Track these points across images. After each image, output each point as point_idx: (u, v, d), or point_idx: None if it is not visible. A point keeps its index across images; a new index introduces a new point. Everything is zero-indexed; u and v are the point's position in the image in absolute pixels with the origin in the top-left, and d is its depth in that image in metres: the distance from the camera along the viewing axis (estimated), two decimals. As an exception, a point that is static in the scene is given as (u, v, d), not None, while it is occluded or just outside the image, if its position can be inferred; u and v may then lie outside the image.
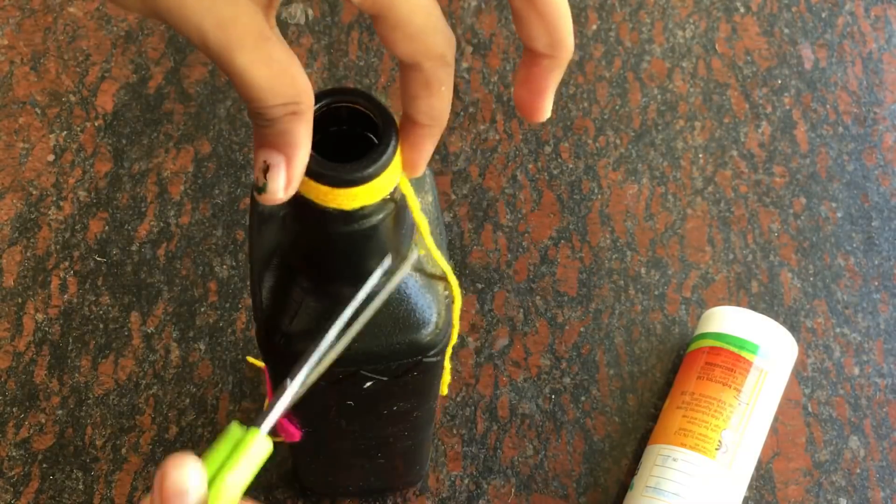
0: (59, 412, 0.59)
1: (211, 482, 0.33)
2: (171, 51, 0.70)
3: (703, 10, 0.75)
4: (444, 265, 0.41)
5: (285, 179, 0.33)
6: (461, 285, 0.64)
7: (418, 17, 0.32)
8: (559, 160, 0.69)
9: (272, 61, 0.31)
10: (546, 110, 0.35)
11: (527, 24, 0.33)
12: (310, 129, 0.33)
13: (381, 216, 0.36)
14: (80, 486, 0.58)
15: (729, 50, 0.74)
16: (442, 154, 0.68)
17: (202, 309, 0.62)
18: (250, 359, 0.61)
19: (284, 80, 0.31)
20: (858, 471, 0.61)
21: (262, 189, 0.32)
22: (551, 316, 0.64)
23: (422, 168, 0.36)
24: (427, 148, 0.35)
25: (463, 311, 0.64)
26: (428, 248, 0.40)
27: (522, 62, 0.35)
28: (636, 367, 0.63)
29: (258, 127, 0.32)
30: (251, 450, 0.34)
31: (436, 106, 0.34)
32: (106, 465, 0.58)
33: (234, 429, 0.35)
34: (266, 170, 0.32)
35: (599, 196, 0.68)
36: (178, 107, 0.69)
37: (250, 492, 0.58)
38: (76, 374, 0.60)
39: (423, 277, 0.41)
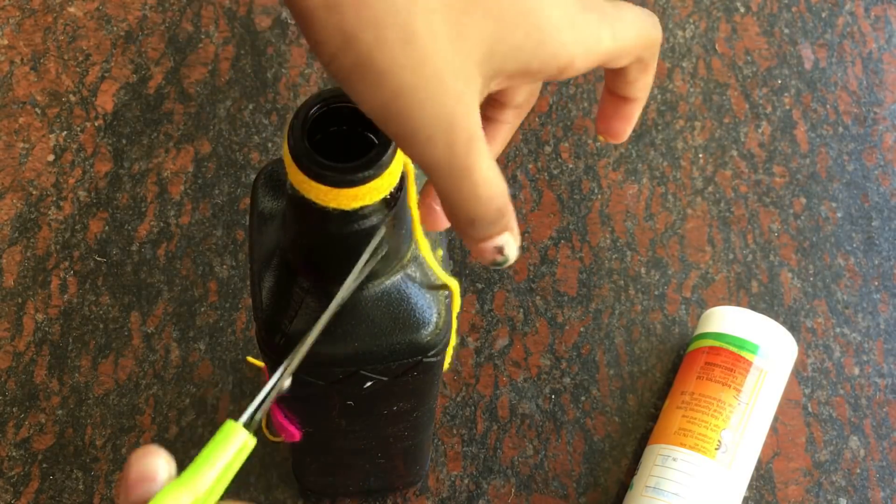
0: (59, 412, 0.59)
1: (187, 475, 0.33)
2: (171, 51, 0.70)
3: (703, 10, 0.75)
4: (440, 272, 0.41)
5: (517, 243, 0.35)
6: (461, 285, 0.64)
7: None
8: (559, 160, 0.69)
9: (491, 174, 0.32)
10: (629, 133, 0.39)
11: (633, 82, 0.36)
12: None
13: (380, 216, 0.36)
14: (80, 486, 0.58)
15: (729, 50, 0.74)
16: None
17: (202, 309, 0.62)
18: (250, 359, 0.61)
19: (498, 186, 0.32)
20: (858, 471, 0.61)
21: (503, 262, 0.35)
22: (551, 316, 0.64)
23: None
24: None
25: (463, 311, 0.64)
26: (423, 253, 0.40)
27: (610, 101, 0.38)
28: (636, 367, 0.63)
29: (475, 232, 0.33)
30: (225, 443, 0.34)
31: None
32: (106, 465, 0.58)
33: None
34: (501, 250, 0.34)
35: (599, 196, 0.68)
36: (178, 107, 0.69)
37: (248, 491, 0.59)
38: (76, 374, 0.60)
39: (423, 278, 0.41)
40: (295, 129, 0.35)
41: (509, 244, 0.34)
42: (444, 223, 0.38)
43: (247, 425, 0.35)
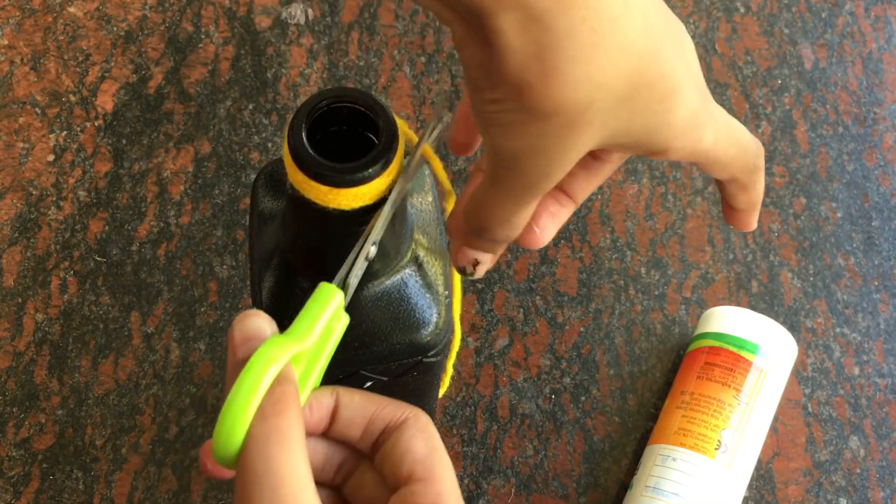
0: (59, 412, 0.59)
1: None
2: (171, 51, 0.70)
3: (703, 10, 0.75)
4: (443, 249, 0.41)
5: (486, 269, 0.39)
6: (461, 285, 0.64)
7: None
8: (559, 160, 0.69)
9: (530, 213, 0.36)
10: (751, 226, 0.42)
11: (734, 196, 0.40)
12: None
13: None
14: (80, 486, 0.58)
15: (729, 50, 0.74)
16: (442, 154, 0.68)
17: (202, 309, 0.62)
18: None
19: (522, 227, 0.36)
20: (858, 471, 0.61)
21: (466, 273, 0.39)
22: (551, 316, 0.64)
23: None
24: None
25: (463, 311, 0.64)
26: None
27: (729, 211, 0.41)
28: (636, 367, 0.63)
29: (480, 241, 0.37)
30: (323, 302, 0.34)
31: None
32: (106, 465, 0.58)
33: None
34: (475, 264, 0.38)
35: (599, 196, 0.68)
36: (178, 107, 0.69)
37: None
38: (76, 374, 0.60)
39: (423, 278, 0.41)
40: (295, 129, 0.35)
41: (485, 264, 0.38)
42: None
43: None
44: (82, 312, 0.62)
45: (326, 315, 0.34)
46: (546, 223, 0.38)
